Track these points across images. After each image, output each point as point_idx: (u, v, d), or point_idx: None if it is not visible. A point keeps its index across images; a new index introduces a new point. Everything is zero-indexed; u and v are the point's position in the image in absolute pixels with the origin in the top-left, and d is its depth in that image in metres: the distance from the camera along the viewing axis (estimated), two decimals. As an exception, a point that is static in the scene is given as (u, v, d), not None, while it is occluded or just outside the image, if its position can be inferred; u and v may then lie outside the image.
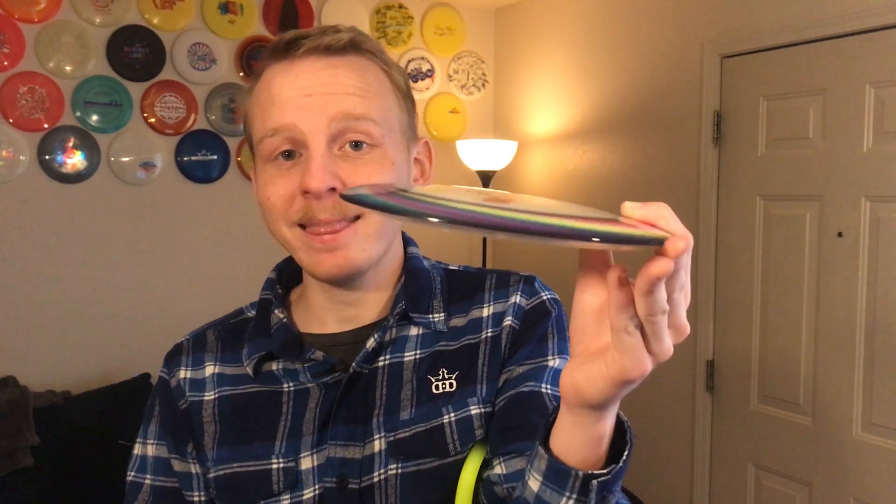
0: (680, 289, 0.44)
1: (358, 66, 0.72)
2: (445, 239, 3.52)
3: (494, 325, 0.77)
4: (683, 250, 0.41)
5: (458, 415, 0.73)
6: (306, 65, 0.70)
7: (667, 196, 2.77)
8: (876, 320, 2.17)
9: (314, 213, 0.69)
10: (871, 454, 2.20)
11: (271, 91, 0.71)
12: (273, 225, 0.73)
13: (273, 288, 0.82)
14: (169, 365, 0.81)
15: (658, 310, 0.43)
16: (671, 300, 0.44)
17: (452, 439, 0.73)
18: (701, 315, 2.64)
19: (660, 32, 2.79)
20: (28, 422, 2.28)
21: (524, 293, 0.79)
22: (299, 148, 0.70)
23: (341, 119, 0.69)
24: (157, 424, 0.80)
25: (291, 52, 0.70)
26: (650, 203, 0.44)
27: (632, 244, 0.40)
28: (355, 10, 3.24)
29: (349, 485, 0.72)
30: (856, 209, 2.20)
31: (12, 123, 2.55)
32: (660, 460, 2.83)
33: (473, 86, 3.60)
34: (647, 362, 0.46)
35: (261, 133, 0.71)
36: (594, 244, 0.39)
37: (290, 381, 0.76)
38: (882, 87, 2.13)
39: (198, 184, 2.91)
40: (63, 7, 2.62)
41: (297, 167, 0.70)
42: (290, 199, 0.70)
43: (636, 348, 0.45)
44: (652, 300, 0.42)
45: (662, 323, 0.44)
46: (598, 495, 0.54)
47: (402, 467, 0.72)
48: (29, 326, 2.61)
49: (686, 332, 0.47)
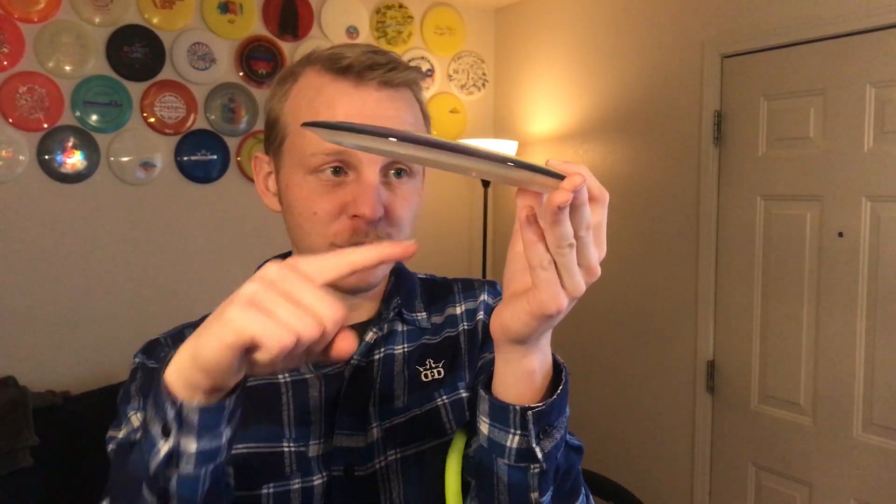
0: (587, 228, 0.50)
1: (410, 102, 0.78)
2: (447, 248, 3.52)
3: (469, 319, 0.86)
4: (579, 184, 0.47)
5: (451, 397, 0.81)
6: (370, 93, 0.74)
7: (667, 196, 2.77)
8: (876, 320, 2.17)
9: (360, 237, 0.73)
10: (871, 454, 2.20)
11: (334, 111, 0.73)
12: (309, 237, 0.75)
13: None
14: (150, 354, 0.80)
15: (564, 242, 0.49)
16: (578, 237, 0.50)
17: (448, 419, 0.79)
18: (701, 315, 2.64)
19: (660, 32, 2.79)
20: (27, 422, 2.28)
21: (490, 293, 0.89)
22: (348, 168, 0.73)
23: None
24: (140, 401, 0.77)
25: (360, 78, 0.73)
26: (571, 161, 0.50)
27: (538, 173, 0.48)
28: (355, 10, 3.24)
29: (356, 472, 0.75)
30: (856, 209, 2.19)
31: (12, 123, 2.55)
32: (660, 460, 2.83)
33: (473, 86, 3.60)
34: (562, 297, 0.52)
35: (313, 148, 0.73)
36: (509, 168, 0.48)
37: (287, 372, 0.78)
38: (882, 87, 2.13)
39: (197, 184, 2.90)
40: (63, 7, 2.61)
41: (345, 187, 0.73)
42: (335, 217, 0.73)
43: (551, 283, 0.51)
44: (558, 232, 0.49)
45: (571, 257, 0.50)
46: (537, 427, 0.60)
47: (401, 451, 0.77)
48: (29, 326, 2.61)
49: (596, 275, 0.53)
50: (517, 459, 0.61)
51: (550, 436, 0.61)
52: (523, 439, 0.60)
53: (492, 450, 0.62)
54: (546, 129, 3.34)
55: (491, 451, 0.63)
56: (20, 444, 2.23)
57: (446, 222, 3.54)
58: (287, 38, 3.06)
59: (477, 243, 3.57)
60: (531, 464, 0.61)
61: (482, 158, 0.47)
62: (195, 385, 0.53)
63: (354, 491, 0.75)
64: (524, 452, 0.61)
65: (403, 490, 0.76)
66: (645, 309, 2.85)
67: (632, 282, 2.90)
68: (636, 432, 2.91)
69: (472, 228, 3.60)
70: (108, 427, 0.77)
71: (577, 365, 2.93)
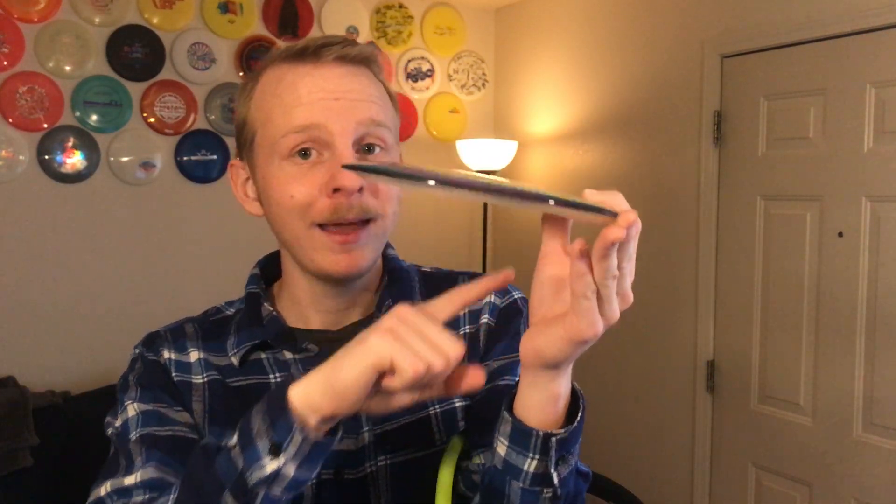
0: (629, 259, 0.52)
1: (372, 79, 0.77)
2: (446, 237, 3.52)
3: (471, 322, 0.83)
4: (633, 221, 0.49)
5: (443, 407, 0.78)
6: (332, 70, 0.74)
7: (667, 196, 2.77)
8: (876, 320, 2.17)
9: (342, 212, 0.72)
10: (871, 454, 2.20)
11: (297, 92, 0.73)
12: (289, 224, 0.74)
13: (259, 283, 0.85)
14: (149, 346, 0.80)
15: (610, 274, 0.51)
16: (620, 268, 0.52)
17: (438, 430, 0.77)
18: (701, 315, 2.64)
19: (660, 32, 2.79)
20: (28, 422, 2.28)
21: (497, 293, 0.84)
22: (320, 148, 0.73)
23: (367, 124, 0.73)
24: (138, 390, 0.76)
25: (317, 57, 0.74)
26: (607, 191, 0.51)
27: (586, 211, 0.49)
28: (355, 10, 3.24)
29: (346, 476, 0.74)
30: (856, 209, 2.19)
31: (12, 123, 2.55)
32: (660, 460, 2.83)
33: (473, 86, 3.60)
34: (600, 324, 0.53)
35: (283, 129, 0.73)
36: (551, 206, 0.49)
37: (279, 372, 0.78)
38: (882, 87, 2.13)
39: (197, 184, 2.90)
40: (62, 7, 2.61)
41: (319, 167, 0.72)
42: (314, 198, 0.72)
43: (591, 311, 0.53)
44: (606, 265, 0.50)
45: (613, 288, 0.52)
46: (557, 454, 0.60)
47: (391, 458, 0.76)
48: (29, 326, 2.61)
49: (629, 302, 0.54)
50: (532, 483, 0.62)
51: (567, 462, 0.62)
52: (541, 464, 0.61)
53: (506, 472, 0.62)
54: (546, 129, 3.34)
55: (505, 473, 0.63)
56: (20, 444, 2.24)
57: (446, 221, 3.54)
58: (287, 38, 3.06)
59: (477, 242, 3.58)
60: (545, 488, 0.62)
61: (523, 199, 0.48)
62: (318, 409, 0.57)
63: (344, 494, 0.74)
64: (540, 477, 0.61)
65: (392, 497, 0.76)
66: (645, 309, 2.85)
67: (632, 281, 2.90)
68: (636, 432, 2.91)
69: (473, 228, 3.60)
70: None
71: (577, 365, 2.91)
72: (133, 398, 0.76)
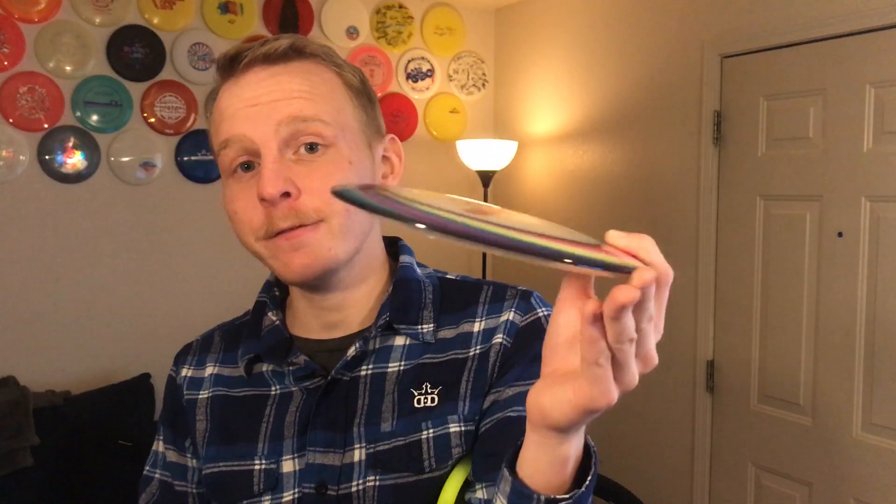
0: (648, 320, 0.45)
1: (303, 71, 0.72)
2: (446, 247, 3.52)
3: (484, 341, 0.75)
4: (649, 281, 0.42)
5: (437, 431, 0.73)
6: (250, 77, 0.71)
7: (667, 196, 2.77)
8: (876, 320, 2.17)
9: (274, 222, 0.69)
10: (871, 454, 2.20)
11: (220, 106, 0.72)
12: (244, 239, 0.73)
13: (270, 290, 0.83)
14: (177, 364, 0.86)
15: (625, 337, 0.43)
16: (639, 330, 0.44)
17: (428, 456, 0.72)
18: (701, 315, 2.64)
19: (660, 32, 2.79)
20: (28, 422, 2.28)
21: (519, 309, 0.76)
22: (255, 158, 0.70)
23: (289, 122, 0.69)
24: (164, 421, 0.85)
25: (235, 67, 0.72)
26: (635, 234, 0.44)
27: (602, 270, 0.42)
28: (355, 10, 3.24)
29: (328, 491, 0.72)
30: (856, 209, 2.20)
31: (12, 123, 2.55)
32: (660, 460, 2.83)
33: (473, 86, 3.60)
34: (614, 392, 0.46)
35: (216, 148, 0.73)
36: (566, 265, 0.41)
37: (278, 384, 0.77)
38: (882, 87, 2.13)
39: (198, 184, 2.91)
40: (63, 7, 2.62)
41: (256, 178, 0.70)
42: (252, 213, 0.71)
43: (605, 379, 0.45)
44: (619, 326, 0.43)
45: (630, 352, 0.44)
46: None
47: (380, 480, 0.72)
48: (29, 326, 2.61)
49: (653, 364, 0.47)
50: None
51: None
52: None
53: None
54: (546, 129, 3.34)
55: None
56: (20, 444, 2.24)
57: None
58: (287, 38, 3.06)
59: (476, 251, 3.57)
60: None
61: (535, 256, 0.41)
62: None
63: None
64: None
65: None
66: (645, 309, 2.85)
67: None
68: (636, 432, 2.91)
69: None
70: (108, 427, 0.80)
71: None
72: (158, 437, 0.85)
